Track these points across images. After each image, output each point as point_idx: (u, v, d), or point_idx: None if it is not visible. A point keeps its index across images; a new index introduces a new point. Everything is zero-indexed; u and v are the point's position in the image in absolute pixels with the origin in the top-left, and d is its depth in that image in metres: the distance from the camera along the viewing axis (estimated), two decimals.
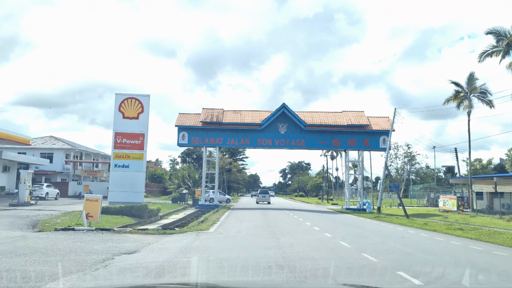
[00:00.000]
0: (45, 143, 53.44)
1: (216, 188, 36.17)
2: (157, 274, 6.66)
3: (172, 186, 60.78)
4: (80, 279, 6.33)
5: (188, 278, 6.73)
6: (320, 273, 7.13)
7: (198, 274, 7.14)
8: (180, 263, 7.71)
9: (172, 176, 66.02)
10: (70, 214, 20.32)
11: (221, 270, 7.16)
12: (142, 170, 22.98)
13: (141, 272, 6.90)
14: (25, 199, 26.45)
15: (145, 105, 23.26)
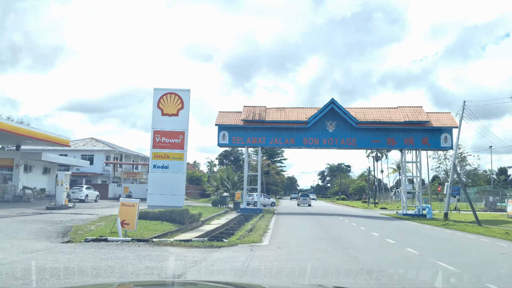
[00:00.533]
0: (85, 144, 53.29)
1: (259, 191, 33.89)
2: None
3: (210, 189, 59.23)
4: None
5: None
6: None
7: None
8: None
9: (210, 179, 64.53)
10: (107, 219, 18.66)
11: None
12: (183, 171, 21.05)
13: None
14: (62, 201, 25.25)
15: (185, 101, 21.36)
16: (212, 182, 62.07)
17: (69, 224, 16.01)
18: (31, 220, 17.08)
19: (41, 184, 37.46)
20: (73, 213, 22.09)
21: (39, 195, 36.20)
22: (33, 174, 35.94)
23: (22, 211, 22.01)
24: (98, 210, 24.99)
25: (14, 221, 16.30)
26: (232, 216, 27.67)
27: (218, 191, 57.52)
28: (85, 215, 21.02)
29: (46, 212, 21.77)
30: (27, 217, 18.64)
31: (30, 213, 21.12)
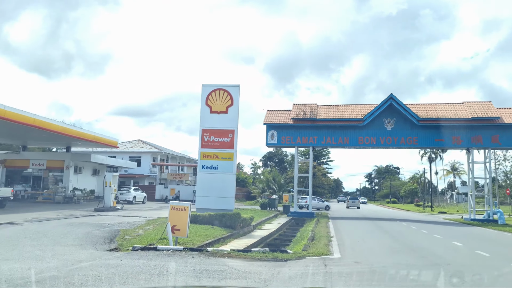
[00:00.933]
0: (133, 146, 53.70)
1: (311, 193, 32.06)
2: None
3: (256, 191, 57.90)
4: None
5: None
6: None
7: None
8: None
9: (255, 180, 63.25)
10: (155, 222, 17.65)
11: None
12: (232, 172, 19.70)
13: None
14: (111, 203, 24.73)
15: (234, 97, 20.02)
16: (257, 184, 60.73)
17: (116, 228, 15.06)
18: (78, 223, 16.34)
19: (91, 186, 37.67)
20: (121, 215, 21.37)
21: (89, 196, 36.37)
22: (82, 176, 36.15)
23: (71, 213, 21.56)
24: (146, 212, 24.23)
25: (61, 224, 15.59)
26: (283, 220, 26.05)
27: (264, 193, 56.05)
28: (132, 217, 20.20)
29: (94, 214, 21.19)
30: (75, 219, 18.00)
31: (78, 215, 20.60)
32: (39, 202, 31.89)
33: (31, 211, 21.66)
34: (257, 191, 57.97)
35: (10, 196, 23.38)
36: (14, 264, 7.39)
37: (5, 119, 21.58)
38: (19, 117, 22.61)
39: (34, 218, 17.67)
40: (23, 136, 29.45)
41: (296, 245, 14.03)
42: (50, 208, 25.22)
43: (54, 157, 34.94)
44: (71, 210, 24.06)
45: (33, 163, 34.42)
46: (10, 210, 22.10)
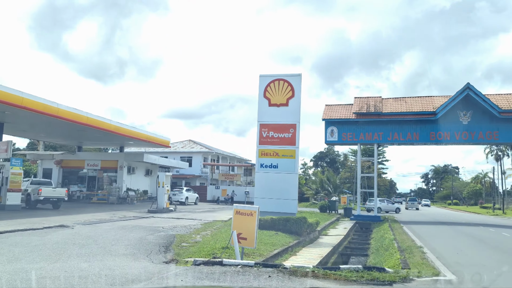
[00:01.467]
0: (184, 147, 53.30)
1: (376, 194, 29.45)
2: None
3: (309, 192, 55.58)
4: None
5: None
6: None
7: None
8: None
9: (308, 181, 60.93)
10: (212, 226, 16.12)
11: None
12: (294, 171, 17.73)
13: None
14: (164, 204, 23.66)
15: (296, 88, 18.05)
16: (310, 185, 58.39)
17: (171, 232, 13.63)
18: (131, 226, 15.13)
19: (144, 186, 37.26)
20: (175, 217, 20.12)
21: (142, 197, 35.91)
22: (136, 176, 35.75)
23: (124, 215, 20.62)
24: (200, 214, 22.90)
25: (113, 228, 14.41)
26: (348, 224, 23.74)
27: (318, 195, 53.60)
28: (187, 220, 18.86)
29: (147, 216, 20.09)
30: (128, 222, 16.88)
31: (131, 217, 19.57)
32: (94, 202, 31.72)
33: (85, 212, 20.98)
34: (310, 192, 55.61)
35: (65, 196, 22.92)
36: (51, 285, 5.93)
37: (59, 117, 21.05)
38: (72, 116, 22.06)
39: (86, 220, 16.74)
40: (77, 136, 29.30)
41: (377, 256, 11.83)
42: (103, 209, 24.60)
43: (108, 157, 34.82)
44: (125, 211, 23.24)
45: (88, 164, 34.44)
46: (64, 211, 21.57)
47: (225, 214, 23.78)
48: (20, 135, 28.34)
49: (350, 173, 74.84)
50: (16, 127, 24.25)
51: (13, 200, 20.47)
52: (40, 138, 31.05)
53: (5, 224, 14.11)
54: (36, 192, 21.85)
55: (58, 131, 27.00)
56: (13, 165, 20.79)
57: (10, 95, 17.94)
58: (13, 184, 20.60)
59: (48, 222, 15.29)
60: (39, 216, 17.87)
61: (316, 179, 57.64)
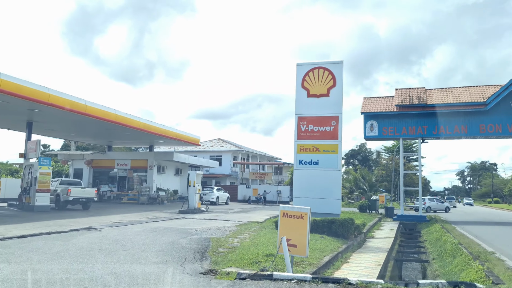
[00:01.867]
0: (213, 145, 52.43)
1: (420, 193, 27.44)
2: None
3: (343, 191, 53.61)
4: None
5: None
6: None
7: None
8: None
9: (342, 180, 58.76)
10: (248, 228, 14.83)
11: None
12: (337, 167, 16.18)
13: None
14: (195, 204, 22.56)
15: (337, 77, 16.50)
16: (344, 183, 56.36)
17: (205, 235, 12.40)
18: (162, 228, 14.03)
19: (174, 186, 36.48)
20: (207, 218, 18.97)
21: (172, 197, 35.12)
22: (166, 176, 34.99)
23: (154, 216, 19.64)
24: (233, 215, 21.66)
25: (143, 230, 13.34)
26: (392, 225, 21.94)
27: (353, 194, 51.58)
28: (220, 221, 17.64)
29: (179, 217, 19.02)
30: (158, 223, 15.82)
31: (162, 218, 18.54)
32: (124, 203, 31.13)
33: (114, 213, 20.14)
34: (345, 191, 53.63)
35: (94, 197, 22.19)
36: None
37: (87, 114, 20.28)
38: (100, 113, 21.28)
39: (115, 222, 15.79)
40: (107, 135, 28.71)
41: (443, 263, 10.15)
42: (133, 209, 23.79)
43: (138, 156, 34.20)
44: (155, 212, 22.32)
45: (118, 163, 33.92)
46: (93, 212, 20.82)
47: (259, 214, 22.48)
48: (50, 134, 27.96)
49: (384, 171, 72.12)
50: (45, 126, 23.77)
51: (42, 201, 19.85)
52: (70, 138, 30.71)
53: (31, 227, 13.29)
54: (65, 192, 21.21)
55: (87, 130, 26.43)
56: (41, 164, 20.18)
57: (36, 91, 17.23)
58: (41, 184, 19.99)
59: (75, 224, 14.41)
60: (67, 217, 17.09)
61: (350, 178, 55.56)
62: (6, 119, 21.98)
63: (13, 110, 19.41)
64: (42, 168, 20.15)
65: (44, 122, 22.31)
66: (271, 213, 23.76)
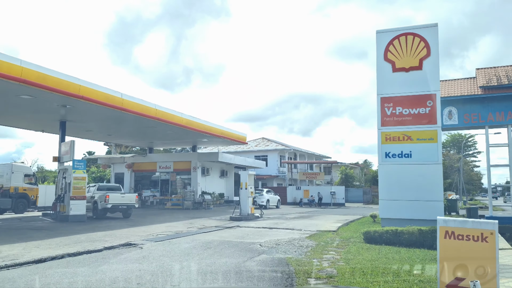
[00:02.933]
0: (258, 145, 49.41)
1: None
2: None
3: None
4: None
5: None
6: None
7: None
8: None
9: None
10: (326, 241, 11.49)
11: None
12: (437, 160, 12.55)
13: None
14: (248, 210, 19.47)
15: (431, 44, 12.87)
16: None
17: (277, 254, 9.19)
18: (217, 242, 10.98)
19: (219, 189, 33.69)
20: (266, 226, 15.78)
21: (218, 200, 32.33)
22: (210, 178, 32.25)
23: (203, 224, 16.70)
24: (294, 222, 18.33)
25: (195, 246, 10.32)
26: None
27: None
28: (283, 231, 14.41)
29: (232, 226, 15.94)
30: (210, 235, 12.80)
31: (212, 227, 15.55)
32: (168, 208, 28.63)
33: (158, 222, 17.40)
34: None
35: (135, 203, 19.59)
36: None
37: (123, 109, 17.69)
38: (139, 108, 18.67)
39: (159, 234, 12.94)
40: (146, 135, 26.26)
41: None
42: (178, 216, 21.05)
43: (180, 158, 31.68)
44: (203, 219, 19.44)
45: (160, 166, 31.53)
46: (134, 220, 18.20)
47: (326, 220, 19.05)
48: (87, 136, 25.84)
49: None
50: (80, 126, 21.52)
51: (77, 209, 17.42)
52: (108, 139, 28.55)
53: (57, 244, 10.61)
54: (103, 199, 18.72)
55: (125, 129, 24.00)
56: (76, 168, 17.77)
57: (65, 82, 14.75)
58: (76, 191, 17.56)
59: (111, 239, 11.64)
60: (103, 229, 14.45)
61: None
62: (38, 119, 19.85)
63: (43, 108, 17.12)
64: (76, 173, 17.74)
65: (78, 121, 19.99)
66: (337, 218, 20.26)
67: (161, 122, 20.46)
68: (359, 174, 60.63)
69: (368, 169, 78.38)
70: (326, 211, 28.24)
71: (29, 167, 25.18)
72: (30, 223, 16.89)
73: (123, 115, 18.71)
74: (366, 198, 46.03)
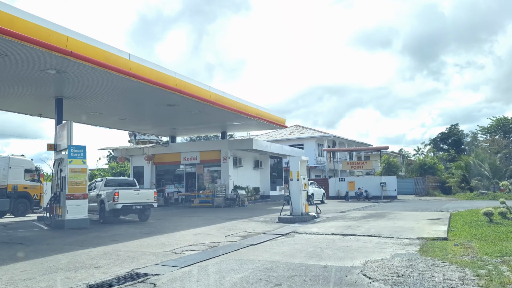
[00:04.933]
0: (291, 133, 44.48)
1: None
2: None
3: (452, 180, 42.94)
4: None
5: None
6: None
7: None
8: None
9: (452, 166, 47.89)
10: (451, 255, 6.52)
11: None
12: None
13: None
14: (302, 208, 14.61)
15: None
16: (453, 170, 45.63)
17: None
18: (283, 269, 6.16)
19: (253, 182, 28.97)
20: (336, 233, 10.85)
21: (253, 196, 27.65)
22: (243, 170, 27.56)
23: (246, 229, 11.96)
24: (367, 224, 13.28)
25: (246, 279, 5.53)
26: None
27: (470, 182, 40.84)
28: (367, 239, 9.51)
29: (287, 232, 11.07)
30: (264, 251, 7.99)
31: (261, 234, 10.73)
32: (196, 206, 24.14)
33: (183, 226, 12.77)
34: (454, 180, 43.02)
35: (153, 202, 15.02)
36: None
37: (133, 75, 13.07)
38: (153, 75, 14.04)
39: (185, 250, 8.27)
40: (167, 118, 21.70)
41: None
42: (209, 217, 16.43)
43: (208, 146, 27.04)
44: (241, 220, 14.75)
45: (185, 157, 27.04)
46: (153, 225, 13.65)
47: (408, 220, 13.94)
48: (96, 122, 21.45)
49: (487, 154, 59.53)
50: (85, 106, 17.10)
51: (75, 212, 12.97)
52: (122, 126, 23.93)
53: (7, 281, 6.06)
54: (111, 197, 14.22)
55: (139, 110, 19.37)
56: (73, 157, 13.32)
57: (42, 29, 10.21)
58: (74, 187, 13.13)
59: (108, 263, 7.01)
60: (105, 240, 9.88)
61: (461, 163, 44.72)
62: (30, 97, 15.50)
63: (23, 73, 12.67)
64: (73, 163, 13.29)
65: (78, 97, 15.56)
66: (419, 216, 15.15)
67: (183, 96, 15.80)
68: (401, 163, 55.01)
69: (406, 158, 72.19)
70: (388, 206, 23.03)
71: (31, 161, 21.05)
72: (14, 232, 12.55)
73: (133, 86, 14.13)
74: (418, 189, 40.47)
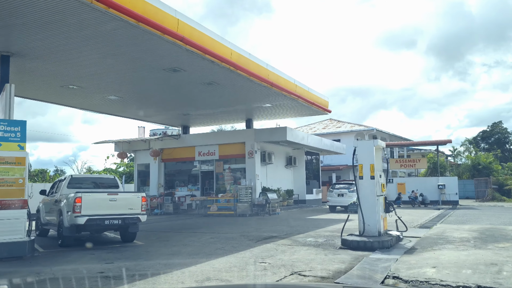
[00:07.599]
0: (325, 127, 38.62)
1: None
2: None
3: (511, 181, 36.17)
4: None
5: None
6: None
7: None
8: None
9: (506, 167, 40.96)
10: None
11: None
12: None
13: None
14: (381, 224, 8.85)
15: None
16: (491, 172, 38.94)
17: None
18: None
19: (286, 183, 23.30)
20: (472, 283, 5.09)
21: (285, 201, 21.97)
22: (273, 167, 21.93)
23: (292, 265, 6.16)
24: (501, 257, 7.36)
25: None
26: None
27: None
28: None
29: (380, 278, 5.37)
30: None
31: (327, 280, 5.06)
32: (213, 214, 18.58)
33: (184, 257, 7.12)
34: None
35: (141, 213, 9.46)
36: None
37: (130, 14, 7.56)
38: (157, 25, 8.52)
39: None
40: (176, 96, 16.24)
41: None
42: (229, 235, 10.80)
43: (229, 138, 21.48)
44: (279, 241, 9.08)
45: (200, 152, 21.61)
46: (138, 250, 8.15)
47: None
48: (81, 102, 16.10)
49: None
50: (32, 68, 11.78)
51: (4, 231, 7.58)
52: (115, 111, 18.27)
53: None
54: (71, 206, 8.78)
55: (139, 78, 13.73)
56: (2, 138, 7.96)
57: None
58: (3, 190, 7.76)
59: None
60: None
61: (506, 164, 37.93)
62: None
63: None
64: (3, 147, 7.94)
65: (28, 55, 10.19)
66: None
67: (189, 50, 10.25)
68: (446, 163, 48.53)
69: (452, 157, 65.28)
70: (470, 215, 16.84)
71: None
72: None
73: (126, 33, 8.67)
74: (480, 193, 33.99)
